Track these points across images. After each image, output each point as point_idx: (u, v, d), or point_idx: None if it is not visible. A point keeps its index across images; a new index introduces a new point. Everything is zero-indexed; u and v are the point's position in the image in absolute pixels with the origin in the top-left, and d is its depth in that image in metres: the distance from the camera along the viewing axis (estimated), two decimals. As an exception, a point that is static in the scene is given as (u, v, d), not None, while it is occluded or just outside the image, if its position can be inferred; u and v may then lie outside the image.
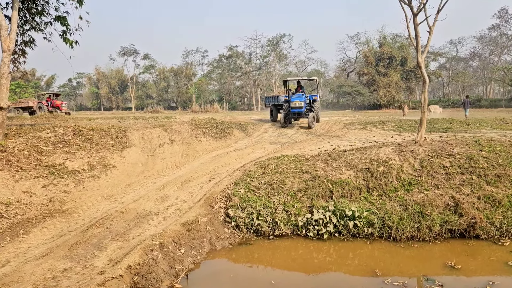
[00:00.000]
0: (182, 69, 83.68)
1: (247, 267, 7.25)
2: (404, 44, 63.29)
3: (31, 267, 5.81)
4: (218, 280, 6.65)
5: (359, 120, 20.53)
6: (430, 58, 68.46)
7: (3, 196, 8.56)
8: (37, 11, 12.77)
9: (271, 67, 73.05)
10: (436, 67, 73.15)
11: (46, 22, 12.72)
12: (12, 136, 11.30)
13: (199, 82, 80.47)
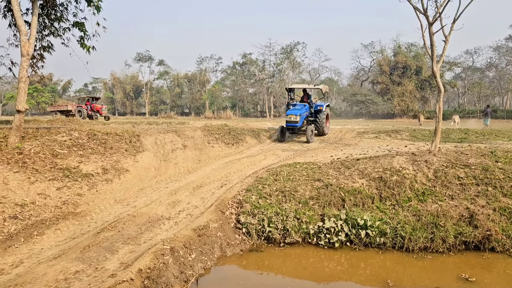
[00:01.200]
0: (196, 75, 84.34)
1: (258, 274, 7.21)
2: (419, 53, 62.86)
3: (43, 268, 5.88)
4: (229, 286, 6.63)
5: (372, 129, 20.34)
6: (446, 67, 67.78)
7: (18, 198, 8.70)
8: (56, 17, 13.02)
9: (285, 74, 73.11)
10: (452, 77, 72.37)
11: (65, 28, 12.97)
12: (28, 139, 11.49)
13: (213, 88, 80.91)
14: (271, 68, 76.17)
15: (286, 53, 72.37)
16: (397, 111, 61.02)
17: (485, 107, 31.40)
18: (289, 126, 17.31)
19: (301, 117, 17.27)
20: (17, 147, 10.38)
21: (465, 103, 75.29)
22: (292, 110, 17.37)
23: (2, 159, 9.65)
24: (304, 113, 17.68)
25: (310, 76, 79.20)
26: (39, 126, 16.82)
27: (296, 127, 17.22)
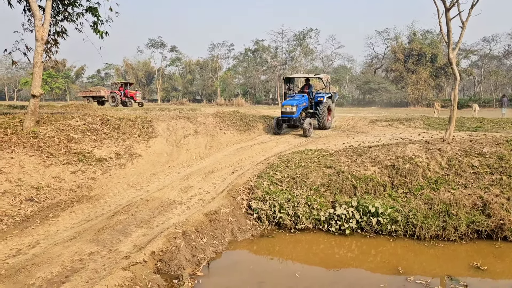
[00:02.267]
0: (208, 62, 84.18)
1: (268, 259, 7.28)
2: (434, 40, 61.66)
3: (59, 249, 6.01)
4: (240, 270, 6.70)
5: (385, 117, 20.15)
6: (462, 55, 66.45)
7: (34, 181, 8.86)
8: (70, 1, 13.07)
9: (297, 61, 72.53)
10: (468, 65, 70.94)
11: (78, 13, 13.01)
12: (43, 123, 11.65)
13: (225, 75, 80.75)
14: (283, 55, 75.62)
15: (299, 40, 71.63)
16: (410, 100, 60.25)
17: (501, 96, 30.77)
18: (285, 118, 15.79)
19: (298, 108, 15.67)
20: (32, 131, 10.53)
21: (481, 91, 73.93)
22: (288, 101, 15.95)
23: (18, 143, 9.82)
24: (302, 104, 16.14)
25: (323, 64, 78.47)
26: (53, 111, 17.04)
27: (292, 118, 15.59)
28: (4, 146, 9.55)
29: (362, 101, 69.19)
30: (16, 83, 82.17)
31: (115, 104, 31.42)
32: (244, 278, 6.37)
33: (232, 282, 6.15)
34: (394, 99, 62.66)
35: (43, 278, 5.10)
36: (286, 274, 6.76)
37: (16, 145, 9.69)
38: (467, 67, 68.29)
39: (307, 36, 71.40)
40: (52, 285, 4.92)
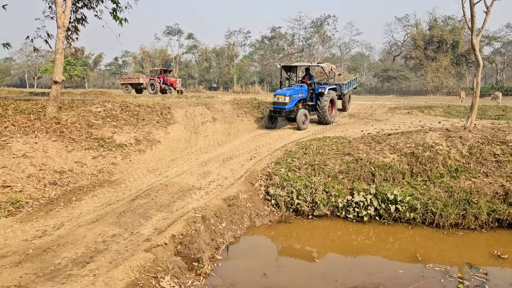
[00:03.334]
0: (224, 49, 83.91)
1: (286, 244, 7.36)
2: (456, 27, 60.03)
3: (83, 231, 6.18)
4: (258, 254, 6.79)
5: (404, 105, 19.85)
6: (485, 42, 64.61)
7: (57, 165, 9.08)
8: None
9: (314, 49, 71.71)
10: (490, 52, 69.02)
11: (98, 0, 13.10)
12: (65, 109, 11.88)
13: (241, 63, 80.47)
14: (300, 43, 74.80)
15: (316, 27, 70.67)
16: (430, 88, 59.05)
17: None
18: (277, 109, 14.00)
19: (292, 98, 13.94)
20: (54, 117, 10.75)
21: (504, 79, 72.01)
22: (281, 90, 14.37)
23: (41, 128, 10.04)
24: (298, 95, 14.38)
25: (340, 51, 77.45)
26: (74, 98, 17.32)
27: (284, 110, 13.79)
28: (28, 131, 9.78)
29: (380, 89, 68.20)
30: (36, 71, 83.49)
31: (154, 92, 30.11)
32: (263, 262, 6.46)
33: (250, 266, 6.24)
34: (413, 87, 61.55)
35: (68, 258, 5.26)
36: (305, 259, 6.83)
37: (39, 131, 9.92)
38: (489, 54, 66.47)
39: (324, 23, 70.40)
40: (77, 265, 5.07)
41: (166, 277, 4.95)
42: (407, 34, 69.06)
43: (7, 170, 8.44)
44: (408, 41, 68.49)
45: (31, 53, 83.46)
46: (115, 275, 4.61)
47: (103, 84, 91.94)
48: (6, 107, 11.12)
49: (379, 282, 5.61)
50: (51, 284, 4.53)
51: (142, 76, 34.01)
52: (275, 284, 5.61)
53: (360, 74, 73.60)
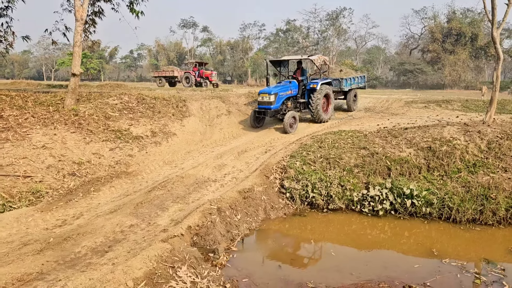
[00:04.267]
0: (238, 43, 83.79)
1: (301, 237, 7.38)
2: (475, 19, 58.76)
3: (101, 220, 6.30)
4: (273, 246, 6.84)
5: (421, 99, 19.53)
6: (504, 35, 63.10)
7: (76, 157, 9.25)
8: (106, -19, 13.28)
9: (329, 42, 71.10)
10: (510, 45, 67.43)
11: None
12: (83, 101, 12.06)
13: (255, 56, 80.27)
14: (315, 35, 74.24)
15: (332, 19, 70.01)
16: (447, 82, 58.09)
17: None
18: (261, 109, 12.67)
19: (278, 97, 12.54)
20: (73, 109, 10.93)
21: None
22: (266, 88, 12.98)
23: (60, 120, 10.23)
24: (286, 92, 12.97)
25: (356, 44, 76.57)
26: (91, 91, 17.54)
27: (269, 110, 12.46)
28: (47, 123, 9.97)
29: (396, 83, 67.38)
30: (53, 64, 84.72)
31: (189, 85, 29.24)
32: (277, 254, 6.50)
33: (265, 258, 6.29)
34: (430, 81, 60.63)
35: (88, 247, 5.38)
36: (320, 252, 6.86)
37: (58, 122, 10.11)
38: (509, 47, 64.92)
39: (340, 15, 69.71)
40: (96, 253, 5.19)
41: (183, 267, 5.02)
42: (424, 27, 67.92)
43: (27, 161, 8.64)
44: (425, 34, 67.36)
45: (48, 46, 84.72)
46: (133, 264, 4.69)
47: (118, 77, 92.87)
48: (26, 99, 11.33)
49: (394, 276, 5.60)
50: (72, 272, 4.64)
51: (176, 69, 33.49)
52: (290, 276, 5.64)
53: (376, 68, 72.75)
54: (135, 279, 4.47)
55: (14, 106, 10.59)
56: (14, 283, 4.37)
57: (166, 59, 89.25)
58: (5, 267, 4.71)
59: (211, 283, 4.95)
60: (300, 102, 13.77)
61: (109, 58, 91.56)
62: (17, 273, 4.53)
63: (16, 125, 9.62)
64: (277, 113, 12.93)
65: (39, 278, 4.51)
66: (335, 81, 15.68)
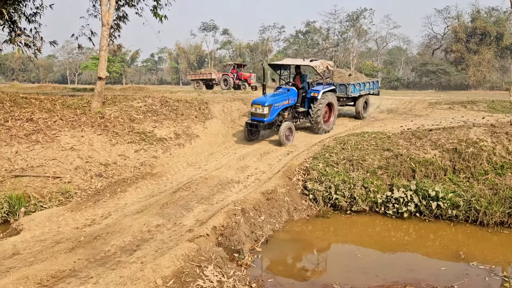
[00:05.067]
0: (258, 45, 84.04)
1: (324, 239, 7.39)
2: (500, 18, 57.30)
3: (129, 220, 6.45)
4: (297, 247, 6.86)
5: (445, 100, 19.19)
6: (531, 33, 61.41)
7: (102, 158, 9.50)
8: (131, -13, 13.59)
9: (349, 43, 70.52)
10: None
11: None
12: (108, 104, 12.35)
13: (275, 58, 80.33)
14: (335, 37, 73.72)
15: (352, 20, 69.39)
16: (472, 82, 56.80)
17: None
18: (254, 121, 11.28)
19: (273, 108, 11.20)
20: (99, 111, 11.21)
21: (552, 73, 68.22)
22: (260, 98, 11.60)
23: (87, 123, 10.51)
24: (281, 103, 11.59)
25: (377, 45, 75.69)
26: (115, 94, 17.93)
27: (262, 122, 11.12)
28: (75, 125, 10.27)
29: (418, 84, 66.29)
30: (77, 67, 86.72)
31: (227, 87, 28.38)
32: (301, 255, 6.53)
33: (290, 259, 6.33)
34: (454, 82, 59.41)
35: (117, 245, 5.53)
36: (344, 254, 6.85)
37: (85, 125, 10.39)
38: (537, 46, 63.05)
39: (360, 16, 69.07)
40: (125, 252, 5.32)
41: (209, 266, 5.10)
42: (447, 27, 66.59)
43: (56, 162, 8.93)
44: (448, 34, 66.04)
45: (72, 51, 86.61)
46: (161, 263, 4.80)
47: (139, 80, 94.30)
48: (54, 103, 11.70)
49: (420, 278, 5.55)
50: (102, 270, 4.78)
51: (214, 71, 32.79)
52: (315, 277, 5.66)
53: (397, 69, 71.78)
54: (163, 277, 4.58)
55: (43, 109, 10.94)
56: (49, 279, 4.53)
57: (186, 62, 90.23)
58: (39, 264, 4.88)
59: (237, 283, 5.01)
60: (299, 111, 12.46)
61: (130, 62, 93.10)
62: (51, 270, 4.69)
63: (46, 127, 9.95)
64: (271, 126, 11.60)
65: (72, 275, 4.66)
66: (341, 86, 14.42)
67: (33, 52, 14.01)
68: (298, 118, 12.59)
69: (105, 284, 4.40)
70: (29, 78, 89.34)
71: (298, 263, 6.18)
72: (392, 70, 67.08)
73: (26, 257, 5.20)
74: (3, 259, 5.19)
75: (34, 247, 5.51)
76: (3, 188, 7.71)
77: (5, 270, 4.82)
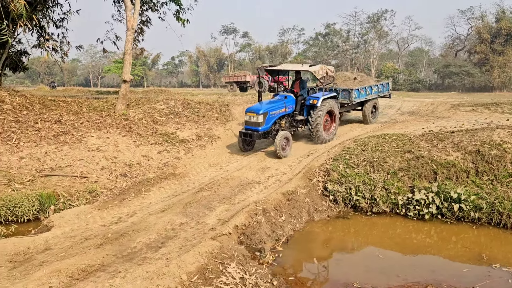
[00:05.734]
0: (277, 47, 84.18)
1: (345, 240, 7.44)
2: (526, 18, 55.97)
3: (154, 219, 6.66)
4: (318, 247, 6.93)
5: (468, 102, 18.88)
6: (559, 33, 59.63)
7: (127, 159, 9.77)
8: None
9: (370, 45, 69.92)
10: None
11: (162, 2, 13.83)
12: (132, 106, 12.68)
13: (294, 60, 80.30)
14: (355, 39, 73.23)
15: (373, 22, 68.81)
16: (496, 84, 55.52)
17: None
18: (248, 130, 10.38)
19: (268, 117, 10.30)
20: (123, 113, 11.53)
21: None
22: (255, 106, 10.74)
23: (112, 124, 10.83)
24: (277, 111, 10.64)
25: (398, 46, 74.83)
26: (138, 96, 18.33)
27: (256, 132, 10.20)
28: (101, 127, 10.60)
29: (440, 86, 65.14)
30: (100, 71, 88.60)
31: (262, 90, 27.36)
32: (322, 255, 6.59)
33: (310, 258, 6.39)
34: (477, 84, 58.13)
35: (142, 242, 5.72)
36: (364, 254, 6.89)
37: (110, 126, 10.71)
38: None
39: (381, 18, 68.42)
40: (151, 249, 5.51)
41: (232, 263, 5.24)
42: (471, 28, 65.33)
43: (83, 162, 9.25)
44: (472, 35, 64.78)
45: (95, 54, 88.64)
46: (186, 259, 4.97)
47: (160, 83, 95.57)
48: (80, 105, 12.08)
49: (442, 279, 5.55)
50: (129, 265, 4.97)
51: (248, 73, 32.14)
52: (336, 276, 5.74)
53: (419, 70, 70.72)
54: (188, 273, 4.74)
55: (71, 111, 11.32)
56: (80, 273, 4.75)
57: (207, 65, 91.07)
58: (70, 259, 5.12)
59: (259, 280, 5.13)
60: (297, 120, 11.45)
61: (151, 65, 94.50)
62: (81, 264, 4.92)
63: (73, 129, 10.30)
64: (268, 135, 10.63)
65: (101, 269, 4.87)
66: (344, 92, 13.26)
67: (61, 56, 14.51)
68: (297, 127, 11.63)
69: (133, 278, 4.58)
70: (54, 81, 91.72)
71: (319, 262, 6.24)
72: (414, 71, 66.07)
73: (57, 252, 5.45)
74: (36, 253, 5.46)
75: (65, 243, 5.76)
76: (34, 187, 8.05)
77: (38, 264, 5.07)
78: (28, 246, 5.65)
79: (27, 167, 8.74)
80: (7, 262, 5.20)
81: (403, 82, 61.41)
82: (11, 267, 5.05)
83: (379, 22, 68.25)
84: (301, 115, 11.51)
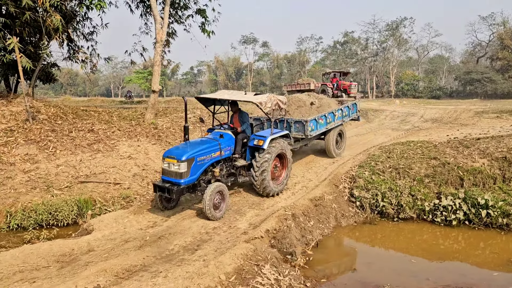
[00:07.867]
0: (295, 56, 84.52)
1: (372, 245, 7.56)
2: (550, 23, 54.92)
3: (188, 223, 6.93)
4: (347, 251, 7.10)
5: (492, 109, 18.74)
6: None
7: (157, 166, 10.10)
8: (180, 5, 14.39)
9: (389, 53, 69.57)
10: None
11: (188, 15, 14.27)
12: (159, 116, 13.09)
13: (313, 69, 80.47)
14: (374, 47, 73.00)
15: (392, 29, 68.50)
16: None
17: None
18: (165, 182, 7.16)
19: (194, 164, 7.12)
20: (152, 122, 11.92)
21: None
22: (175, 148, 7.64)
23: (142, 133, 11.22)
24: (208, 156, 7.48)
25: (418, 54, 74.25)
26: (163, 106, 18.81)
27: (177, 186, 6.95)
28: (131, 135, 10.99)
29: (461, 93, 64.26)
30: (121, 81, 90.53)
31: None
32: (352, 259, 6.75)
33: (340, 262, 6.56)
34: (500, 90, 57.10)
35: (179, 245, 5.99)
36: (392, 258, 7.00)
37: (140, 135, 11.10)
38: None
39: (400, 25, 68.09)
40: (187, 251, 5.77)
41: (266, 265, 5.45)
42: (492, 34, 64.42)
43: (116, 169, 9.61)
44: (494, 41, 63.84)
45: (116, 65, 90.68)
46: (223, 261, 5.20)
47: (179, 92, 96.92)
48: (111, 114, 12.54)
49: (472, 283, 5.64)
50: (169, 266, 5.23)
51: (313, 81, 29.13)
52: (367, 279, 5.87)
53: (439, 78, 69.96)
54: (226, 273, 4.97)
55: (102, 121, 11.78)
56: (124, 272, 5.03)
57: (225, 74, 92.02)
58: (113, 259, 5.41)
59: (293, 281, 5.33)
60: (237, 166, 8.19)
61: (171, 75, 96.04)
62: (124, 265, 5.21)
63: (105, 137, 10.72)
64: (193, 189, 7.34)
65: (143, 269, 5.15)
66: (297, 124, 10.41)
67: (90, 68, 15.06)
68: (237, 176, 8.29)
69: (174, 278, 4.84)
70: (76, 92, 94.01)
71: (349, 265, 6.40)
72: (434, 79, 65.45)
73: (100, 253, 5.76)
74: (80, 254, 5.78)
75: (106, 245, 6.07)
76: (71, 193, 8.43)
77: (84, 264, 5.38)
78: (72, 247, 5.98)
79: (64, 174, 9.15)
80: (54, 262, 5.53)
81: (423, 89, 60.86)
82: (59, 266, 5.38)
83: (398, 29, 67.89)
84: (243, 159, 8.41)
